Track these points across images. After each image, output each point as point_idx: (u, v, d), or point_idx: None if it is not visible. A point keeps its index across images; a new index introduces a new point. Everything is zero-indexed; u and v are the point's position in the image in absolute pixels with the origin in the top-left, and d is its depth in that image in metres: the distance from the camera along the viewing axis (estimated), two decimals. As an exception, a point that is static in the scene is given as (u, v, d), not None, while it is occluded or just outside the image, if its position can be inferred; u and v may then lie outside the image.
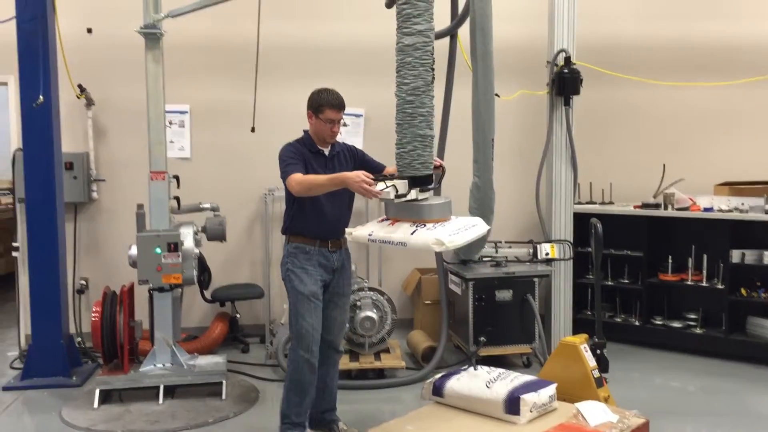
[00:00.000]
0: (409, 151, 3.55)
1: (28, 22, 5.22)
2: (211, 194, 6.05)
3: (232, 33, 6.31)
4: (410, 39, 3.48)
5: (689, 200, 6.02)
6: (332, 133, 4.01)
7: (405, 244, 3.44)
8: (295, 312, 3.96)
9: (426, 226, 3.45)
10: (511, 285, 5.63)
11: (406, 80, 3.52)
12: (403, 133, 3.57)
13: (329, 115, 3.94)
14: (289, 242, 4.05)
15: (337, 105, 3.96)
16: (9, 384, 5.35)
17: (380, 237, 3.56)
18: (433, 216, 3.50)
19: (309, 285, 3.94)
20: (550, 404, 3.80)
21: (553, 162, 5.98)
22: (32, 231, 5.43)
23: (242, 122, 6.26)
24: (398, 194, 3.49)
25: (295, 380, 3.99)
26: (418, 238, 3.41)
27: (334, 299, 4.14)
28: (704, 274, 5.94)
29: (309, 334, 3.93)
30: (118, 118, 6.41)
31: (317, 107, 3.96)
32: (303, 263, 3.97)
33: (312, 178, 3.80)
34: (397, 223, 3.56)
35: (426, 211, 3.51)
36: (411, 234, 3.44)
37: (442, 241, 3.32)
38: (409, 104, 3.53)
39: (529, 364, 5.71)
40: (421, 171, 3.55)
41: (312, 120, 4.01)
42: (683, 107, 6.98)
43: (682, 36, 6.89)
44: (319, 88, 4.03)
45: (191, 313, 6.57)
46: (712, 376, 5.51)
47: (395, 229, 3.53)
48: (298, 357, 3.95)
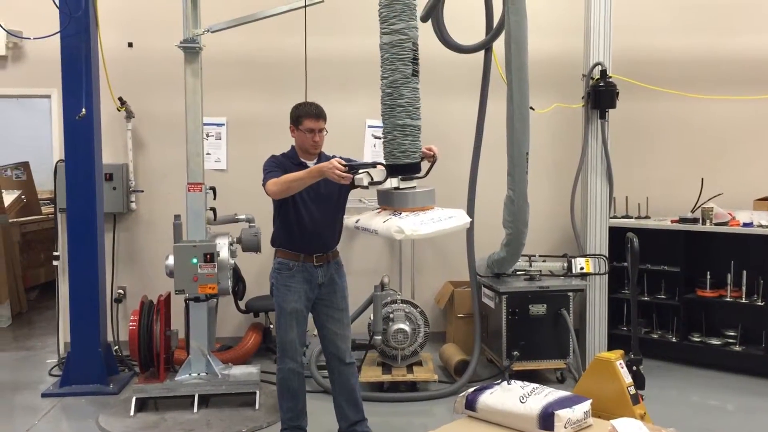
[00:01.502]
0: (390, 140, 3.65)
1: (71, 37, 5.35)
2: (247, 206, 6.09)
3: (269, 47, 6.40)
4: (388, 38, 3.63)
5: (728, 215, 5.92)
6: (314, 143, 4.08)
7: (377, 231, 3.52)
8: (279, 325, 4.12)
9: (401, 215, 3.49)
10: (545, 299, 5.58)
11: (385, 74, 3.67)
12: (385, 124, 3.68)
13: (308, 125, 4.03)
14: (275, 256, 4.16)
15: (315, 114, 4.05)
16: (48, 391, 5.46)
17: (362, 224, 3.67)
18: (408, 205, 3.53)
19: (291, 302, 4.06)
20: (584, 421, 3.75)
21: (589, 176, 5.93)
22: (72, 240, 5.54)
23: (277, 135, 6.31)
24: (373, 181, 3.59)
25: (284, 387, 4.17)
26: (387, 225, 3.46)
27: (329, 313, 4.19)
28: (743, 290, 5.83)
29: (291, 347, 4.09)
30: (156, 130, 6.53)
31: (296, 118, 4.07)
32: (286, 280, 4.08)
33: (288, 175, 3.87)
34: (383, 212, 3.63)
35: (401, 199, 3.56)
36: (383, 222, 3.49)
37: (403, 230, 3.37)
38: (387, 96, 3.66)
39: (563, 379, 5.65)
40: (401, 159, 3.61)
41: (294, 133, 4.11)
42: (721, 121, 6.88)
43: (719, 48, 6.80)
44: (298, 102, 4.18)
45: (226, 323, 6.62)
46: (751, 394, 5.39)
47: (376, 216, 3.61)
48: (284, 366, 4.13)
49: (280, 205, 4.08)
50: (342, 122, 6.58)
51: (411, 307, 5.56)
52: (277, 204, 4.09)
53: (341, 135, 6.51)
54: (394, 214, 3.52)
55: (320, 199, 4.07)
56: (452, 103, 6.47)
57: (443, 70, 6.08)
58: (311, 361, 5.60)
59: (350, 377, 4.26)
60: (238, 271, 6.17)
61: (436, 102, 6.17)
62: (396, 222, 3.42)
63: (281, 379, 4.17)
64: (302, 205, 4.04)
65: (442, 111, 6.13)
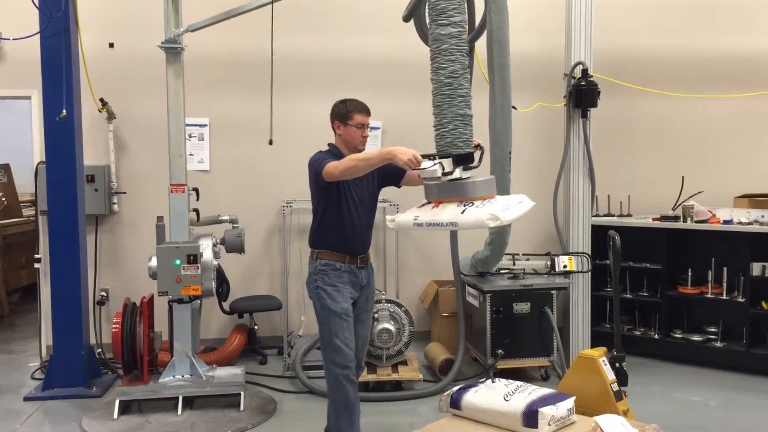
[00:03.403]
0: (451, 130, 3.54)
1: (51, 37, 5.30)
2: (230, 206, 6.09)
3: (250, 48, 6.39)
4: (446, 29, 3.54)
5: (709, 213, 5.98)
6: (363, 139, 3.97)
7: (456, 224, 3.35)
8: (329, 330, 3.88)
9: (474, 204, 3.36)
10: (529, 297, 5.61)
11: (443, 65, 3.56)
12: (443, 114, 3.56)
13: (359, 120, 3.94)
14: (317, 258, 3.96)
15: (364, 109, 3.97)
16: (30, 394, 5.41)
17: (427, 221, 3.45)
18: (480, 193, 3.41)
19: (341, 302, 3.87)
20: (568, 418, 3.77)
21: (571, 174, 5.96)
22: (54, 243, 5.50)
23: (261, 135, 6.34)
24: (444, 172, 3.43)
25: (340, 400, 3.91)
26: (470, 216, 3.30)
27: (361, 315, 4.08)
28: (724, 287, 5.89)
29: (344, 351, 3.86)
30: (138, 132, 6.49)
31: (345, 114, 3.95)
32: (333, 280, 3.90)
33: (355, 155, 3.74)
34: (442, 205, 3.46)
35: (473, 188, 3.42)
36: (461, 213, 3.33)
37: (497, 216, 3.23)
38: (447, 86, 3.56)
39: (547, 377, 5.69)
40: (463, 149, 3.52)
41: (340, 130, 3.98)
42: (702, 119, 6.95)
43: (700, 48, 6.87)
44: (340, 99, 4.04)
45: (210, 324, 6.60)
46: (733, 390, 5.45)
47: (441, 211, 3.43)
48: (338, 375, 3.88)
49: (325, 206, 3.90)
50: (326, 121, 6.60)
51: (396, 306, 5.57)
52: (322, 204, 3.91)
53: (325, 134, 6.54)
54: (466, 205, 3.37)
55: (363, 199, 3.97)
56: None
57: (426, 71, 6.08)
58: (296, 361, 5.60)
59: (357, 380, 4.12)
60: (222, 273, 6.16)
61: (418, 103, 6.18)
62: (484, 210, 3.27)
63: (335, 390, 3.91)
64: (351, 204, 3.90)
65: (424, 112, 6.13)
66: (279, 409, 5.10)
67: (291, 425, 4.89)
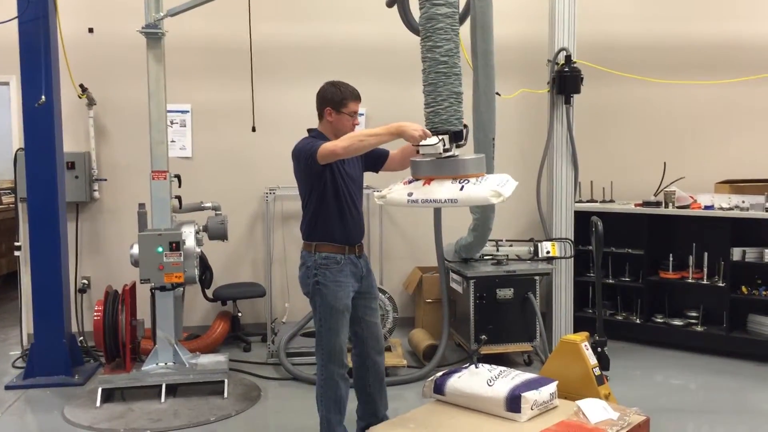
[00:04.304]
0: (446, 107, 3.54)
1: (29, 22, 5.22)
2: (213, 193, 6.05)
3: (232, 34, 6.32)
4: (444, 9, 3.55)
5: (690, 198, 6.03)
6: (353, 127, 3.80)
7: (456, 200, 3.33)
8: (328, 328, 3.75)
9: (470, 181, 3.35)
10: (512, 283, 5.63)
11: (438, 44, 3.57)
12: (438, 92, 3.56)
13: (353, 108, 3.78)
14: (315, 251, 3.75)
15: (358, 96, 3.82)
16: (11, 383, 5.37)
17: (422, 197, 3.41)
18: (474, 170, 3.42)
19: (343, 299, 3.74)
20: (551, 402, 3.80)
21: (554, 160, 5.98)
22: (34, 230, 5.44)
23: (243, 122, 6.28)
24: (445, 148, 3.42)
25: (332, 398, 3.82)
26: (470, 192, 3.30)
27: (369, 304, 3.96)
28: (705, 272, 5.95)
29: (342, 351, 3.78)
30: (119, 118, 6.43)
31: (340, 101, 3.75)
32: (336, 276, 3.73)
33: (361, 130, 3.63)
34: (434, 182, 3.43)
35: (467, 165, 3.42)
36: (460, 190, 3.32)
37: (499, 192, 3.25)
38: (443, 65, 3.56)
39: (530, 362, 5.72)
40: (457, 126, 3.53)
41: (332, 117, 3.77)
42: (684, 106, 6.99)
43: (683, 35, 6.90)
44: (331, 82, 3.83)
45: (193, 312, 6.58)
46: (712, 373, 5.52)
47: (436, 187, 3.40)
48: (333, 374, 3.79)
49: (320, 194, 3.70)
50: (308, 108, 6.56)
51: (379, 292, 5.57)
52: (316, 193, 3.71)
53: (308, 121, 6.50)
54: (461, 182, 3.36)
55: (354, 182, 3.82)
56: (416, 88, 6.47)
57: (407, 56, 6.05)
58: (280, 348, 5.59)
59: (383, 367, 4.06)
60: (205, 260, 6.13)
61: (401, 88, 6.18)
62: (486, 187, 3.29)
63: (328, 389, 3.80)
64: (347, 189, 3.75)
65: (407, 96, 6.10)
66: (263, 396, 5.10)
67: (275, 412, 4.89)
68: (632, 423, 3.70)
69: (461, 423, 3.72)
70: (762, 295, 5.73)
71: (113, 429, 4.52)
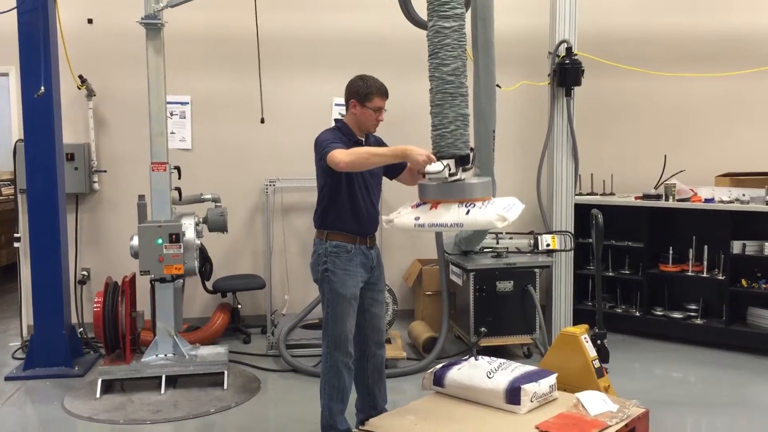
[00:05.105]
0: (453, 130, 3.51)
1: (28, 12, 5.20)
2: (212, 185, 6.04)
3: (232, 24, 6.30)
4: (449, 22, 3.48)
5: (690, 191, 6.02)
6: (377, 122, 3.83)
7: (462, 224, 3.36)
8: (335, 315, 3.77)
9: (476, 205, 3.37)
10: (512, 276, 5.63)
11: (446, 61, 3.50)
12: (444, 114, 3.52)
13: (378, 103, 3.78)
14: (327, 239, 3.79)
15: (385, 92, 3.82)
16: (11, 374, 5.37)
17: (429, 221, 3.43)
18: (481, 194, 3.42)
19: (351, 287, 3.76)
20: (550, 394, 3.81)
21: (554, 153, 5.97)
22: (34, 222, 5.44)
23: (243, 113, 6.28)
24: (450, 173, 3.42)
25: (336, 386, 3.82)
26: (476, 217, 3.32)
27: (376, 296, 3.98)
28: (705, 264, 5.95)
29: (347, 339, 3.79)
30: (119, 109, 6.41)
31: (365, 95, 3.76)
32: (345, 264, 3.76)
33: (367, 149, 3.62)
34: (441, 205, 3.45)
35: (474, 189, 3.43)
36: (466, 214, 3.34)
37: (504, 216, 3.27)
38: (450, 84, 3.51)
39: (529, 354, 5.73)
40: (463, 150, 3.51)
41: (356, 109, 3.79)
42: (685, 98, 6.97)
43: (684, 27, 6.87)
44: (360, 75, 3.85)
45: (193, 303, 6.59)
46: (712, 366, 5.52)
47: (443, 211, 3.42)
48: (337, 362, 3.79)
49: (335, 185, 3.74)
50: (308, 100, 6.56)
51: (380, 285, 5.57)
52: (330, 184, 3.75)
53: (308, 113, 6.49)
54: (467, 206, 3.38)
55: (373, 176, 3.86)
56: (417, 81, 6.44)
57: (408, 49, 6.04)
58: (280, 340, 5.60)
59: (383, 360, 4.09)
60: (205, 252, 6.13)
61: (401, 81, 6.16)
62: (490, 211, 3.31)
63: (332, 376, 3.80)
64: (362, 185, 3.78)
65: (407, 90, 6.09)
66: (263, 388, 5.10)
67: (275, 404, 4.90)
68: (631, 415, 3.71)
69: (461, 415, 3.73)
70: (762, 288, 5.73)
71: (113, 420, 4.53)
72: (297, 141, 6.47)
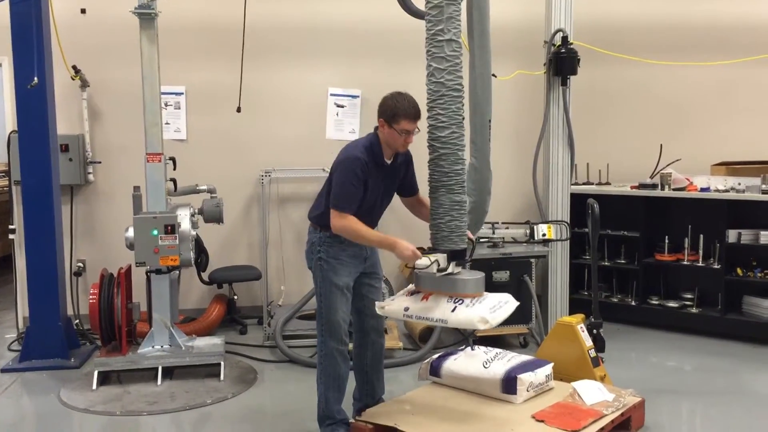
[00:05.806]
0: (447, 222, 3.54)
1: (21, 2, 5.16)
2: (208, 176, 6.02)
3: (227, 14, 6.22)
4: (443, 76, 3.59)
5: (686, 180, 6.02)
6: (405, 144, 3.71)
7: (446, 321, 3.43)
8: (327, 304, 3.78)
9: (464, 302, 3.42)
10: (508, 266, 5.64)
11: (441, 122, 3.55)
12: (440, 202, 3.55)
13: (405, 126, 3.62)
14: (321, 230, 3.79)
15: (414, 115, 3.64)
16: (7, 366, 5.37)
17: (417, 314, 3.52)
18: (471, 291, 3.47)
19: (343, 276, 3.77)
20: (546, 383, 3.82)
21: (551, 142, 5.96)
22: (28, 213, 5.41)
23: (237, 104, 6.24)
24: (440, 269, 3.45)
25: (332, 375, 3.83)
26: (460, 315, 3.38)
27: (371, 283, 3.98)
28: (700, 254, 5.96)
29: (341, 327, 3.79)
30: (113, 100, 6.37)
31: (392, 116, 3.63)
32: (338, 254, 3.76)
33: (360, 229, 3.60)
34: (432, 297, 3.52)
35: (463, 285, 3.48)
36: (451, 312, 3.41)
37: (486, 319, 3.33)
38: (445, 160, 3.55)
39: (525, 344, 5.74)
40: (458, 244, 3.53)
41: (384, 129, 3.68)
42: (680, 87, 6.95)
43: (680, 16, 6.85)
44: (394, 93, 3.72)
45: (189, 295, 6.57)
46: (707, 355, 5.54)
47: (432, 305, 3.49)
48: (332, 350, 3.80)
49: None
50: (304, 90, 6.53)
51: (376, 275, 5.57)
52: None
53: (303, 103, 6.47)
54: (456, 301, 3.44)
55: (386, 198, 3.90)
56: (412, 71, 6.42)
57: (403, 38, 6.02)
58: (276, 331, 5.60)
59: (382, 349, 4.10)
60: (201, 243, 6.12)
61: (396, 70, 6.14)
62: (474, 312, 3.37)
63: (328, 364, 3.82)
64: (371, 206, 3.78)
65: (402, 79, 6.09)
66: (259, 379, 5.10)
67: (271, 394, 4.90)
68: (627, 404, 3.73)
69: (457, 405, 3.74)
70: (757, 277, 5.75)
71: (109, 411, 4.53)
72: (293, 131, 6.47)
